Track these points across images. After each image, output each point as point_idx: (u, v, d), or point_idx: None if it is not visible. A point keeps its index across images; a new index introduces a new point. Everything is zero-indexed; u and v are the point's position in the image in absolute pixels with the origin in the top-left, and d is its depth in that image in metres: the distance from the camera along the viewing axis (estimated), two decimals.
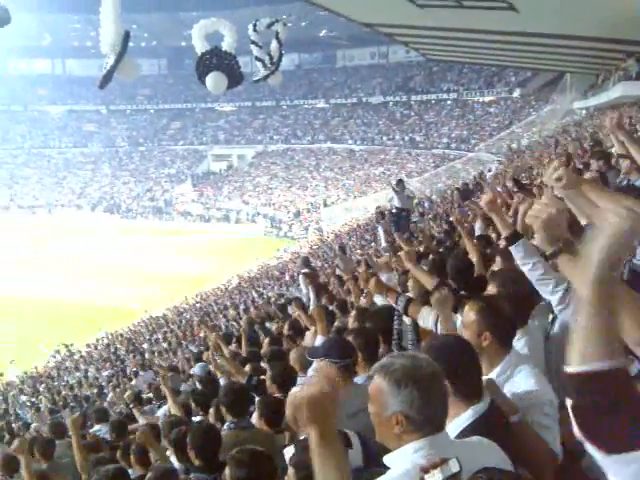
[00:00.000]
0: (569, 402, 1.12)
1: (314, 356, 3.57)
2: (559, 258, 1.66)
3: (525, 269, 2.79)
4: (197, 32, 4.77)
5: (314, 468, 1.63)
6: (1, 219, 50.60)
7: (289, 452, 2.28)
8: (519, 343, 2.68)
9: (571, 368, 1.10)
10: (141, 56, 56.14)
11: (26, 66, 73.54)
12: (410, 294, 4.32)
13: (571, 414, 1.11)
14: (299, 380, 4.02)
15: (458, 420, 2.06)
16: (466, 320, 2.51)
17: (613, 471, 1.06)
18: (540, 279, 2.70)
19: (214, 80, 4.70)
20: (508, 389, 2.34)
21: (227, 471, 2.69)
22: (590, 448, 1.07)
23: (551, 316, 2.99)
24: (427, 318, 3.59)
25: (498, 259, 3.97)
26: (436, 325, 3.38)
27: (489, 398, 2.15)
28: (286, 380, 3.98)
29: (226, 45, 4.81)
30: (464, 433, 2.01)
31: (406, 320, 4.05)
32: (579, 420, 1.09)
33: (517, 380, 2.38)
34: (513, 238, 2.88)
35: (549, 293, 2.75)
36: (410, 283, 4.66)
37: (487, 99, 54.69)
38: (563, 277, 2.44)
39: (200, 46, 4.77)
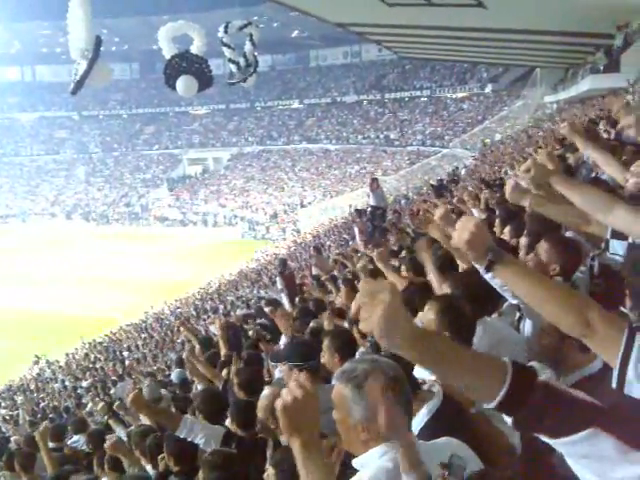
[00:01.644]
0: (509, 420, 1.24)
1: (276, 360, 3.56)
2: (493, 271, 1.66)
3: (487, 278, 2.79)
4: (164, 35, 4.72)
5: (300, 476, 1.58)
6: None
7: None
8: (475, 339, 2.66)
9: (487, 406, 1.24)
10: (112, 60, 55.54)
11: None
12: None
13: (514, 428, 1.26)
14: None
15: (415, 420, 2.04)
16: (425, 320, 2.49)
17: (565, 452, 1.19)
18: (500, 287, 2.70)
19: (184, 84, 4.66)
20: None
21: (201, 474, 2.68)
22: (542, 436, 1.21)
23: (518, 314, 3.00)
24: None
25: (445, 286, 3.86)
26: None
27: (441, 393, 2.14)
28: (254, 385, 3.97)
29: (195, 48, 4.77)
30: (423, 432, 2.00)
31: None
32: (520, 429, 1.26)
33: None
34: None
35: (511, 299, 2.74)
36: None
37: (460, 95, 55.16)
38: None
39: (168, 49, 4.72)
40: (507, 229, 4.14)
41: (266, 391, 3.02)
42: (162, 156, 64.37)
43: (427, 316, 2.49)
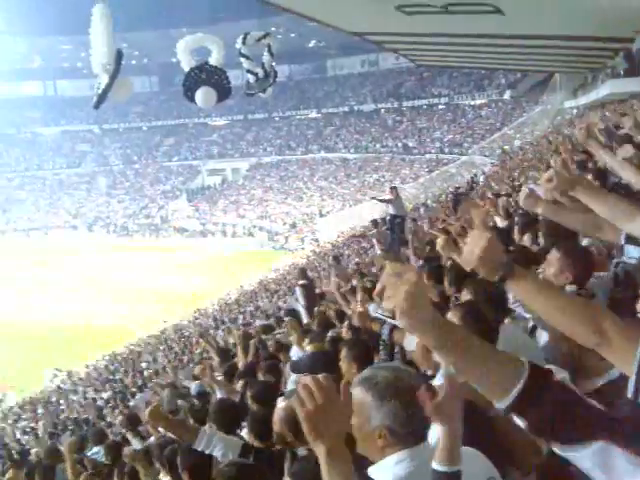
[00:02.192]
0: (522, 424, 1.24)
1: (297, 371, 3.53)
2: (506, 284, 1.62)
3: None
4: (183, 48, 4.73)
5: None
6: None
7: None
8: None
9: (499, 405, 1.25)
10: (132, 74, 56.27)
11: (17, 89, 73.67)
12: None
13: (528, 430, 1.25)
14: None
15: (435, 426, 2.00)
16: None
17: (573, 459, 1.19)
18: (513, 303, 2.65)
19: (203, 95, 4.66)
20: None
21: None
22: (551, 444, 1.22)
23: (531, 323, 2.95)
24: (412, 341, 3.53)
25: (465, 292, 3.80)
26: None
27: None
28: (267, 396, 3.94)
29: (214, 60, 4.78)
30: None
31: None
32: (533, 432, 1.25)
33: None
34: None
35: (524, 313, 2.72)
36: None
37: (478, 102, 54.91)
38: None
39: (186, 62, 4.74)
40: (526, 236, 4.09)
41: (281, 403, 2.97)
42: (181, 167, 64.91)
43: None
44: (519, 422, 1.24)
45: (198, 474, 3.35)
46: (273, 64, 5.17)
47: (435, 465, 1.61)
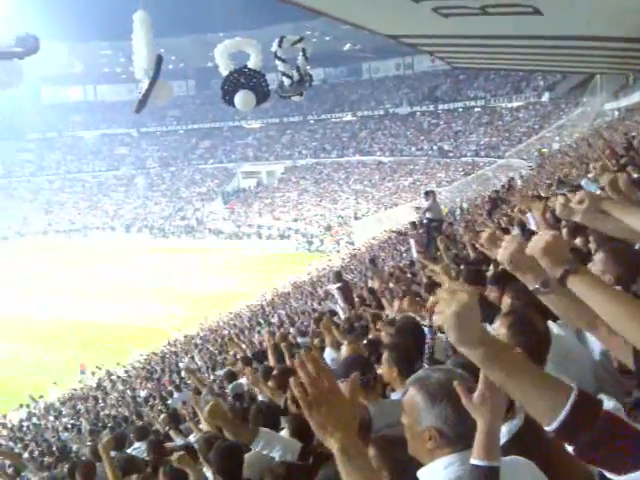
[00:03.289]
0: (570, 449, 1.26)
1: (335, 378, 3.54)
2: (568, 280, 1.61)
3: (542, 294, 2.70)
4: (220, 52, 4.82)
5: None
6: (39, 244, 51.78)
7: None
8: None
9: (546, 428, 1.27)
10: (169, 78, 56.70)
11: (59, 93, 75.50)
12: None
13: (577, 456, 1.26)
14: None
15: None
16: (498, 334, 2.44)
17: None
18: (555, 306, 2.59)
19: (243, 98, 4.73)
20: None
21: None
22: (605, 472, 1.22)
23: None
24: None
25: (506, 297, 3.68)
26: None
27: (523, 413, 2.06)
28: None
29: (252, 63, 4.85)
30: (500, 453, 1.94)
31: (442, 335, 3.97)
32: (579, 458, 1.26)
33: None
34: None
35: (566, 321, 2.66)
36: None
37: (515, 104, 54.18)
38: None
39: (224, 66, 4.81)
40: (578, 240, 4.03)
41: None
42: (217, 170, 65.60)
43: (499, 331, 2.46)
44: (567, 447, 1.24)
45: (227, 474, 3.39)
46: (308, 68, 5.23)
47: (473, 460, 1.60)
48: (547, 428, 1.25)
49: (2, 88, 3.01)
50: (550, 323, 2.74)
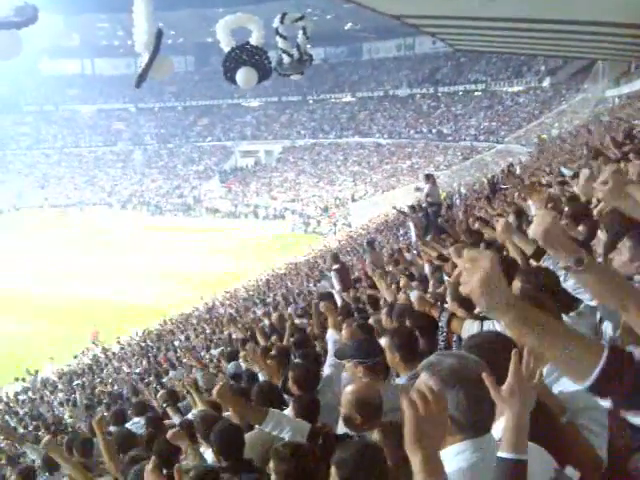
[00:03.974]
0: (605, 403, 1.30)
1: (342, 357, 3.55)
2: (579, 270, 1.58)
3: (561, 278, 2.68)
4: (222, 28, 4.73)
5: None
6: (35, 218, 51.59)
7: None
8: None
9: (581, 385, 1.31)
10: (168, 53, 56.32)
11: (56, 67, 74.70)
12: (448, 298, 4.18)
13: None
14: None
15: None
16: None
17: None
18: (574, 289, 2.57)
19: (244, 75, 4.65)
20: (556, 390, 2.24)
21: (271, 464, 2.67)
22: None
23: (598, 316, 2.87)
24: (471, 329, 3.48)
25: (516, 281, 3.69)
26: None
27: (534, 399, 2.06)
28: (309, 381, 3.98)
29: (254, 40, 4.77)
30: None
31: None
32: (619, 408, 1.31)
33: (565, 381, 2.27)
34: (539, 254, 2.77)
35: (589, 300, 2.64)
36: (449, 287, 4.53)
37: (516, 89, 53.88)
38: None
39: (226, 42, 4.73)
40: (581, 227, 3.99)
41: (350, 387, 2.94)
42: (215, 148, 65.27)
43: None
44: (603, 403, 1.28)
45: (229, 454, 3.38)
46: (308, 47, 5.16)
47: (501, 453, 1.57)
48: (582, 385, 1.28)
49: (1, 58, 2.95)
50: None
